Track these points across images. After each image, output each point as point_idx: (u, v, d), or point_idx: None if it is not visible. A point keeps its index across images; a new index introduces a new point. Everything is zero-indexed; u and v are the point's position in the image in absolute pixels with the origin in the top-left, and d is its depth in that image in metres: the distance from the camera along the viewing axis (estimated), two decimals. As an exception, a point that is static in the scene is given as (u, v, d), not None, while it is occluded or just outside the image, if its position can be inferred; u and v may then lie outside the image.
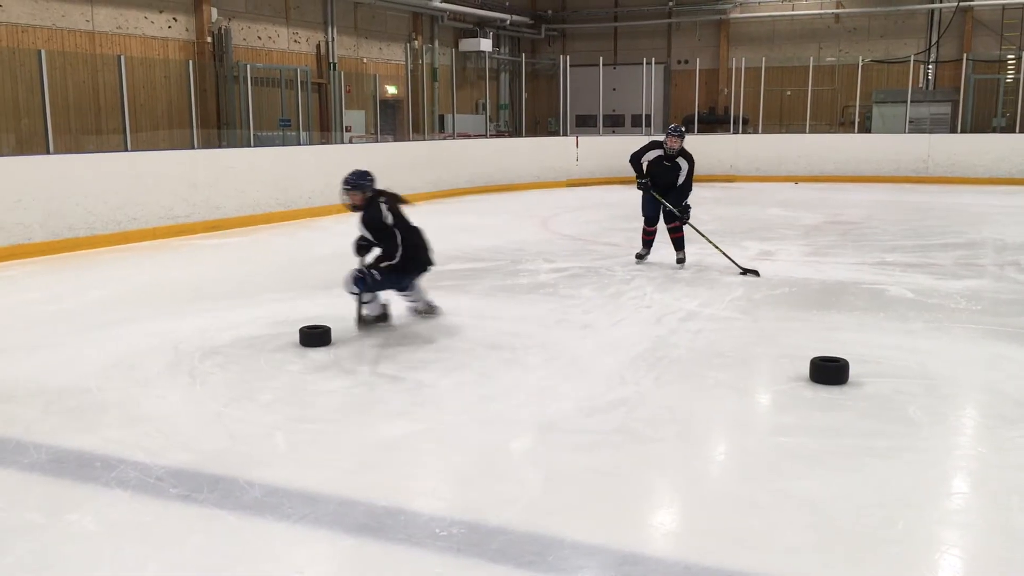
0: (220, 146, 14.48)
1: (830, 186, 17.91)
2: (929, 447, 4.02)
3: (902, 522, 3.26)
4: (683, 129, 8.48)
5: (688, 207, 8.48)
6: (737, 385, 4.97)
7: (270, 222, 11.99)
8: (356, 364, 5.29)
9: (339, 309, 6.73)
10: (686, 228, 8.52)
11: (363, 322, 6.15)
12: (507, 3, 23.14)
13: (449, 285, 7.85)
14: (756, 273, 8.00)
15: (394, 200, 6.41)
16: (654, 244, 8.83)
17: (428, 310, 6.46)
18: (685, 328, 6.15)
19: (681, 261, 8.57)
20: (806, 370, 4.90)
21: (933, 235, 10.86)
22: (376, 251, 6.22)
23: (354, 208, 6.45)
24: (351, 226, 6.63)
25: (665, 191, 8.46)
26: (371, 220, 6.25)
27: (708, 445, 4.19)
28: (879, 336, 5.93)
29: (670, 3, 23.98)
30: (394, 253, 6.10)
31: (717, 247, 8.46)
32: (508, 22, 22.95)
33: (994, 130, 20.02)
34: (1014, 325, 6.22)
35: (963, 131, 19.63)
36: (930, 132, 19.65)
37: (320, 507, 3.35)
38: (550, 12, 25.13)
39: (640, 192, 8.68)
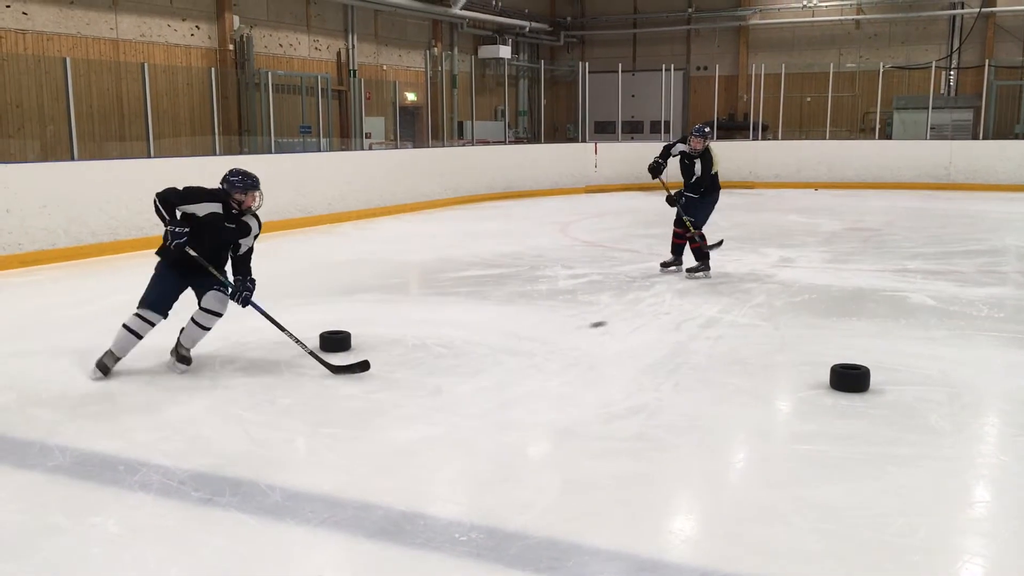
0: (241, 152, 14.58)
1: (850, 193, 17.82)
2: (951, 456, 3.99)
3: (923, 531, 3.25)
4: (707, 130, 8.51)
5: (681, 194, 8.49)
6: (757, 392, 4.96)
7: (290, 228, 12.06)
8: (375, 369, 5.30)
9: (358, 314, 6.78)
10: (687, 228, 8.50)
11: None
12: (526, 10, 23.19)
13: (468, 291, 7.88)
14: (720, 243, 8.22)
15: None
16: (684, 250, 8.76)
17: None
18: (705, 335, 6.14)
19: (677, 264, 8.61)
20: (827, 377, 4.88)
21: (955, 242, 10.78)
22: None
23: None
24: (370, 232, 6.64)
25: (686, 187, 8.54)
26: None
27: (727, 452, 4.18)
28: (900, 344, 5.89)
29: (689, 9, 23.95)
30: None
31: (690, 227, 8.39)
32: (527, 29, 23.00)
33: (1016, 136, 19.85)
34: (1037, 333, 6.16)
35: (985, 137, 19.45)
36: (952, 138, 19.51)
37: (339, 511, 3.37)
38: (569, 19, 25.16)
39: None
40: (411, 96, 19.50)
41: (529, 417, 4.52)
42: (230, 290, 5.22)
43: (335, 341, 5.68)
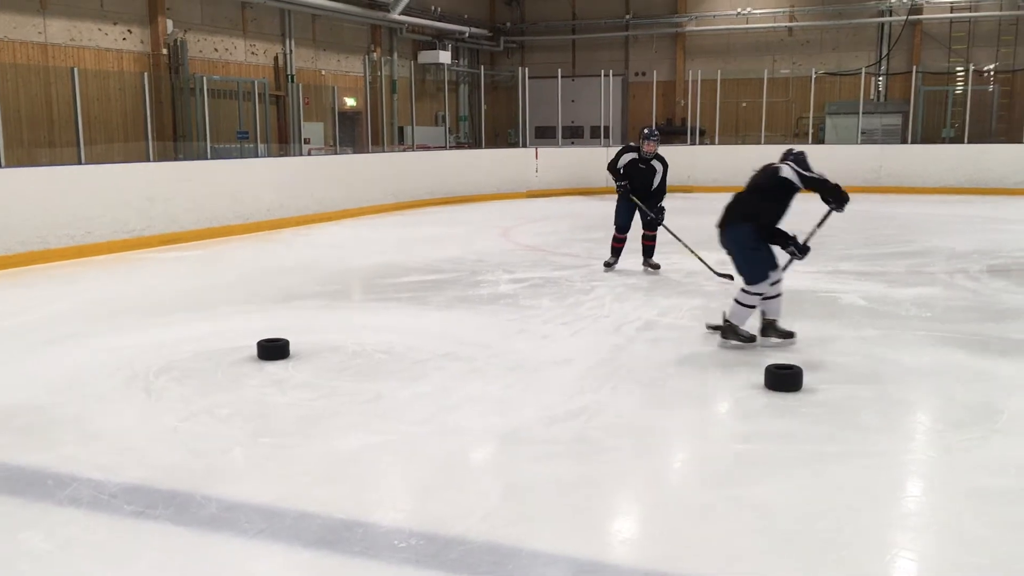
0: (177, 159, 14.34)
1: (786, 196, 18.13)
2: (881, 452, 4.09)
3: (855, 525, 3.32)
4: (658, 134, 8.65)
5: (662, 209, 8.69)
6: (694, 393, 5.03)
7: (228, 235, 11.89)
8: (314, 377, 5.26)
9: (298, 322, 6.71)
10: (660, 230, 8.70)
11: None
12: (466, 15, 23.22)
13: (409, 297, 7.85)
14: (730, 278, 8.05)
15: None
16: (623, 253, 8.96)
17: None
18: (643, 337, 6.21)
19: (656, 267, 8.76)
20: (762, 377, 4.97)
21: (885, 243, 11.07)
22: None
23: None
24: (310, 238, 6.59)
25: (643, 195, 8.66)
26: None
27: (666, 453, 4.24)
28: (832, 343, 6.04)
29: (627, 16, 24.22)
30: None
31: (692, 251, 8.52)
32: (467, 34, 23.02)
33: (943, 141, 20.47)
34: (963, 332, 6.36)
35: (913, 142, 20.03)
36: (882, 143, 20.05)
37: (277, 521, 3.33)
38: (508, 24, 25.25)
39: (615, 201, 8.84)
40: (350, 101, 19.37)
41: (470, 422, 4.52)
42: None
43: (273, 349, 5.61)
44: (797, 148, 6.28)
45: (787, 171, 5.83)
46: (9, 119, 11.66)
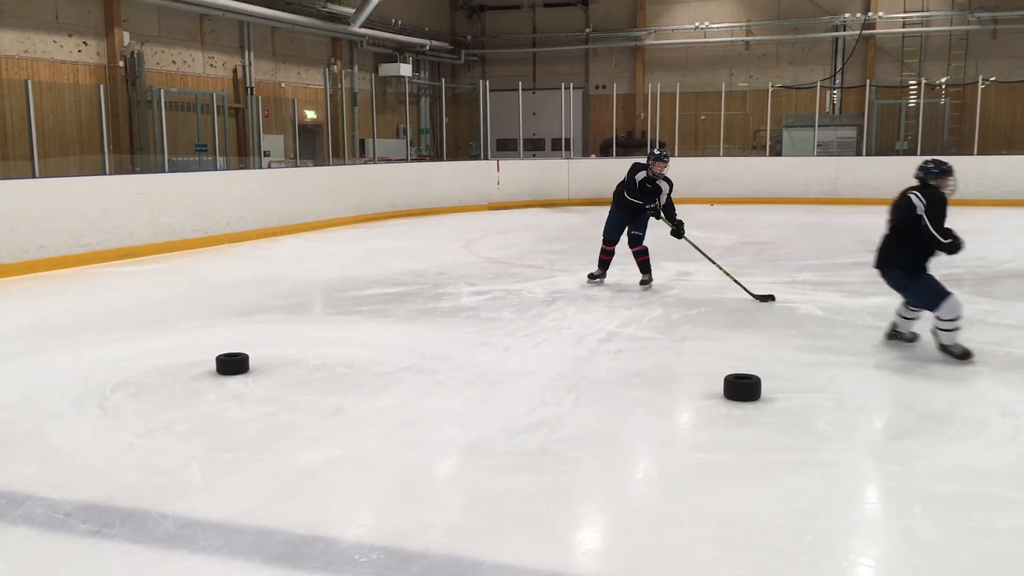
0: (134, 172, 14.16)
1: (744, 207, 18.40)
2: (838, 460, 4.15)
3: (813, 533, 3.37)
4: (668, 155, 8.73)
5: (681, 223, 8.67)
6: (655, 404, 5.06)
7: (186, 248, 11.75)
8: (275, 391, 5.22)
9: (258, 336, 6.65)
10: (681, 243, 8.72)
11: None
12: (426, 28, 23.25)
13: (370, 310, 7.82)
14: (772, 298, 7.97)
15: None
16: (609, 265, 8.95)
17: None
18: (605, 348, 6.24)
19: (645, 283, 8.68)
20: (721, 387, 5.02)
21: (841, 254, 11.25)
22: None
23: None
24: (270, 251, 6.55)
25: (649, 210, 8.65)
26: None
27: (627, 464, 4.25)
28: (790, 353, 6.12)
29: (587, 30, 24.42)
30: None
31: (727, 273, 8.44)
32: (427, 47, 23.05)
33: (897, 153, 20.86)
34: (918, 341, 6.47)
35: (868, 154, 20.40)
36: (837, 155, 20.38)
37: (236, 538, 3.30)
38: (469, 37, 25.33)
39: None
40: (311, 114, 19.28)
41: (432, 435, 4.51)
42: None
43: (232, 364, 5.55)
44: (932, 162, 6.31)
45: (920, 209, 5.92)
46: (-40, 132, 11.45)
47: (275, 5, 17.88)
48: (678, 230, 8.66)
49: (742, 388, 4.95)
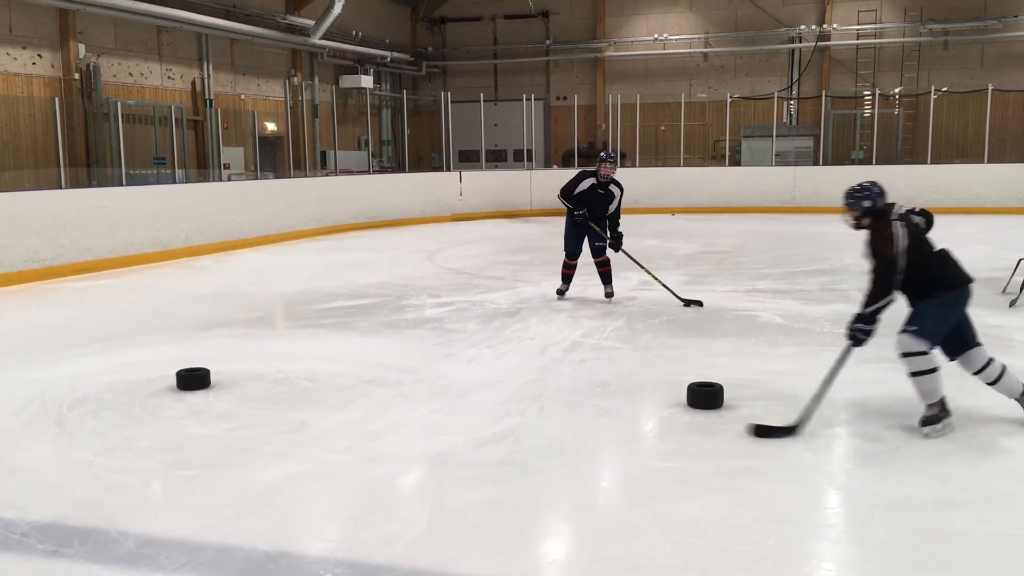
0: (90, 185, 13.94)
1: (704, 217, 18.59)
2: (800, 465, 4.20)
3: (775, 537, 3.41)
4: (615, 156, 8.60)
5: (621, 235, 8.53)
6: (618, 413, 5.09)
7: (145, 263, 11.60)
8: (236, 406, 5.17)
9: (219, 350, 6.58)
10: (618, 255, 8.56)
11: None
12: (387, 40, 23.21)
13: (333, 323, 7.78)
14: (700, 304, 8.12)
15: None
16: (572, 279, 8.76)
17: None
18: (568, 359, 6.26)
19: (610, 295, 8.53)
20: (684, 395, 5.06)
21: (800, 262, 11.40)
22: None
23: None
24: (231, 265, 6.48)
25: (598, 219, 8.48)
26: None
27: (591, 473, 4.27)
28: (751, 361, 6.19)
29: (548, 41, 24.54)
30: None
31: (655, 278, 8.55)
32: (388, 59, 23.01)
33: (852, 162, 21.23)
34: (875, 347, 6.54)
35: (825, 163, 20.70)
36: (795, 164, 20.68)
37: (198, 555, 3.26)
38: (430, 49, 25.34)
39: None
40: (271, 126, 19.15)
41: (396, 448, 4.49)
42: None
43: (192, 379, 5.49)
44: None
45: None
46: (-90, 146, 11.22)
47: (234, 17, 17.75)
48: (615, 243, 8.50)
49: (705, 396, 5.00)
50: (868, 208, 4.89)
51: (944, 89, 20.38)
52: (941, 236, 4.97)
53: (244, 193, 14.55)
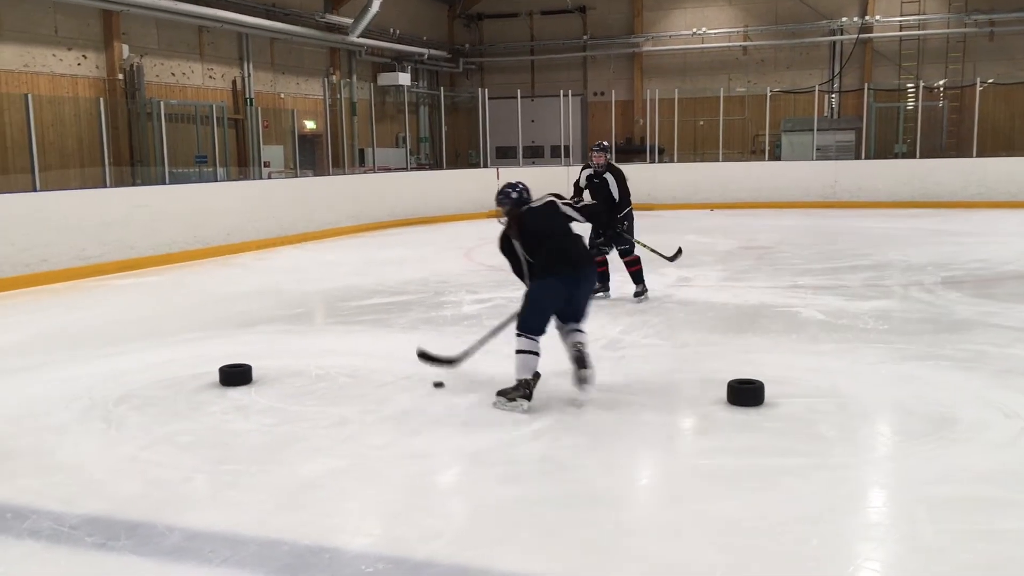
0: (134, 184, 14.18)
1: (744, 212, 18.42)
2: (840, 464, 4.15)
3: (818, 538, 3.37)
4: (606, 144, 8.55)
5: (612, 234, 8.20)
6: (658, 410, 5.06)
7: (187, 260, 11.76)
8: (277, 402, 5.22)
9: (260, 347, 6.65)
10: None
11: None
12: (424, 38, 23.30)
13: (372, 319, 7.83)
14: (679, 252, 8.58)
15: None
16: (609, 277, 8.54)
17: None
18: (607, 355, 6.24)
19: (640, 294, 8.33)
20: (724, 393, 5.02)
21: (841, 258, 11.25)
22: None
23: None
24: (271, 262, 6.55)
25: (606, 208, 8.17)
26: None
27: (630, 470, 4.26)
28: (792, 357, 6.12)
29: (585, 37, 24.47)
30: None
31: (644, 244, 8.41)
32: (426, 56, 23.10)
33: (896, 156, 20.90)
34: (919, 343, 6.48)
35: (867, 157, 20.43)
36: (836, 159, 20.41)
37: (242, 549, 3.30)
38: (467, 46, 25.38)
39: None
40: (310, 124, 19.32)
41: (435, 444, 4.51)
42: None
43: (235, 375, 5.56)
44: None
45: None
46: (-39, 146, 11.49)
47: (274, 16, 17.93)
48: (609, 239, 8.09)
49: (745, 393, 4.95)
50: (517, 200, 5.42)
51: (990, 81, 20.01)
52: (986, 231, 4.87)
53: (284, 191, 14.70)
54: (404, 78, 21.68)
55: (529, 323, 5.07)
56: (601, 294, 8.41)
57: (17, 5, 13.32)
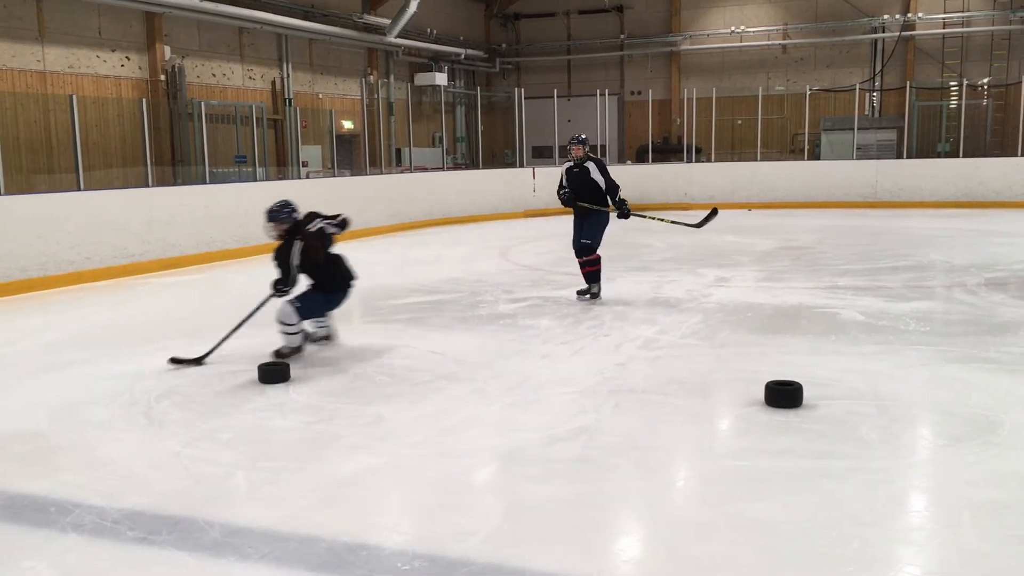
0: (175, 184, 14.39)
1: (782, 212, 18.24)
2: (881, 467, 4.10)
3: (856, 542, 3.33)
4: (583, 136, 8.55)
5: (623, 201, 8.31)
6: (695, 411, 5.04)
7: (227, 259, 11.91)
8: (315, 400, 5.27)
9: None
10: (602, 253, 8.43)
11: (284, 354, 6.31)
12: (461, 37, 23.36)
13: (408, 318, 7.87)
14: (714, 212, 8.50)
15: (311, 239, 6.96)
16: (601, 275, 8.52)
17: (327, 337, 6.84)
18: (643, 355, 6.22)
19: (587, 294, 8.36)
20: (761, 394, 4.98)
21: (882, 258, 11.10)
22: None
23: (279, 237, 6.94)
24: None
25: (583, 195, 8.36)
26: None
27: (667, 471, 4.24)
28: (831, 359, 6.05)
29: (622, 36, 24.39)
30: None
31: (662, 219, 8.40)
32: (463, 56, 23.17)
33: (938, 155, 20.56)
34: (962, 346, 6.37)
35: (908, 156, 20.14)
36: (877, 158, 20.13)
37: (280, 545, 3.34)
38: (504, 46, 25.41)
39: (633, 219, 8.46)
40: (348, 124, 19.46)
41: (471, 443, 4.53)
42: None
43: (273, 373, 5.62)
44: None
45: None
46: (8, 147, 11.74)
47: (313, 18, 18.10)
48: (621, 211, 8.30)
49: (783, 395, 4.90)
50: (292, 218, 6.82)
51: (1036, 78, 19.61)
52: (1017, 231, 4.77)
53: (322, 190, 14.82)
54: (441, 78, 21.76)
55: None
56: (589, 296, 8.38)
57: (62, 8, 13.58)
